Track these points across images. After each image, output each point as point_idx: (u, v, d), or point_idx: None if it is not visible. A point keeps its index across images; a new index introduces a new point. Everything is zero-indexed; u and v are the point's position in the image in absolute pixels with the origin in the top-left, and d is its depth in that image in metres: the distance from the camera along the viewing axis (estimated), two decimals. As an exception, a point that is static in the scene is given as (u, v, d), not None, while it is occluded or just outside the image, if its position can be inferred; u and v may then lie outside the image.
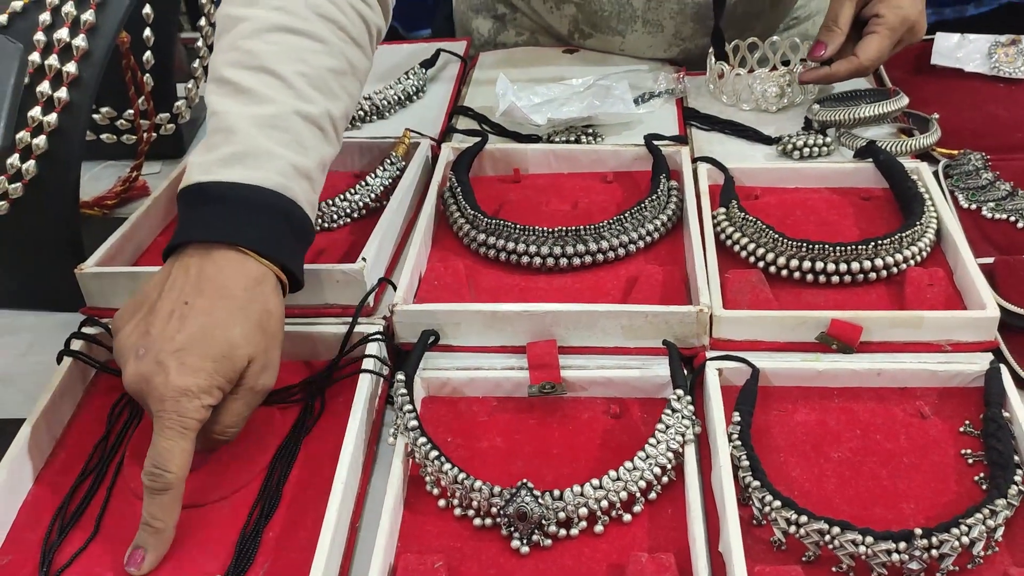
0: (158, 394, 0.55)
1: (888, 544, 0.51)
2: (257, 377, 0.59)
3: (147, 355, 0.56)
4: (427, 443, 0.60)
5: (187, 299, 0.58)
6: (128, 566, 0.55)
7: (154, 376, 0.56)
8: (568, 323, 0.68)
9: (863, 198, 0.83)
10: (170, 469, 0.54)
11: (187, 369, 0.56)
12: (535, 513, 0.56)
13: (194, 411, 0.56)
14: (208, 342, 0.57)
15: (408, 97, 1.03)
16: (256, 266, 0.61)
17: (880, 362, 0.65)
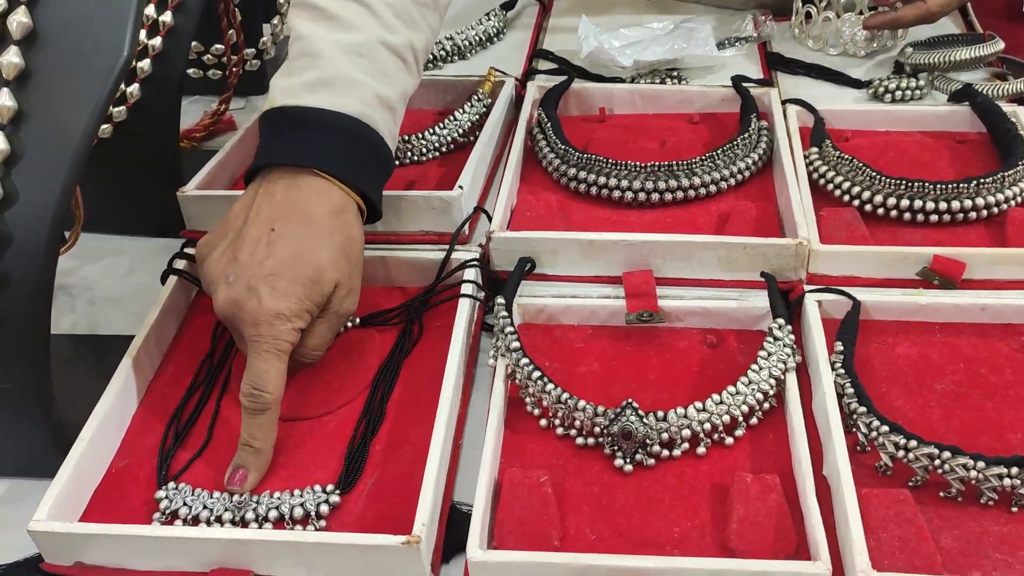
0: (251, 319, 0.56)
1: (1000, 468, 0.51)
2: (342, 301, 0.60)
3: (237, 281, 0.57)
4: (529, 363, 0.60)
5: (274, 225, 0.59)
6: (230, 484, 0.56)
7: (247, 301, 0.56)
8: (665, 253, 0.68)
9: (958, 141, 0.82)
10: (267, 390, 0.55)
11: (278, 293, 0.56)
12: (640, 432, 0.57)
13: (287, 334, 0.56)
14: (297, 267, 0.57)
15: (489, 39, 1.03)
16: (340, 194, 0.61)
17: (984, 298, 0.64)
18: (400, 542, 0.50)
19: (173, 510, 0.55)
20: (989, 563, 0.50)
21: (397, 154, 0.83)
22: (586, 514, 0.55)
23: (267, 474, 0.58)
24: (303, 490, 0.55)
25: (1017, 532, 0.51)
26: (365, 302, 0.70)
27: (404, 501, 0.54)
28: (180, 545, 0.52)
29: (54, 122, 0.55)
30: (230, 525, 0.54)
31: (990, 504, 0.53)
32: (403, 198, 0.72)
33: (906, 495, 0.52)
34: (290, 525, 0.54)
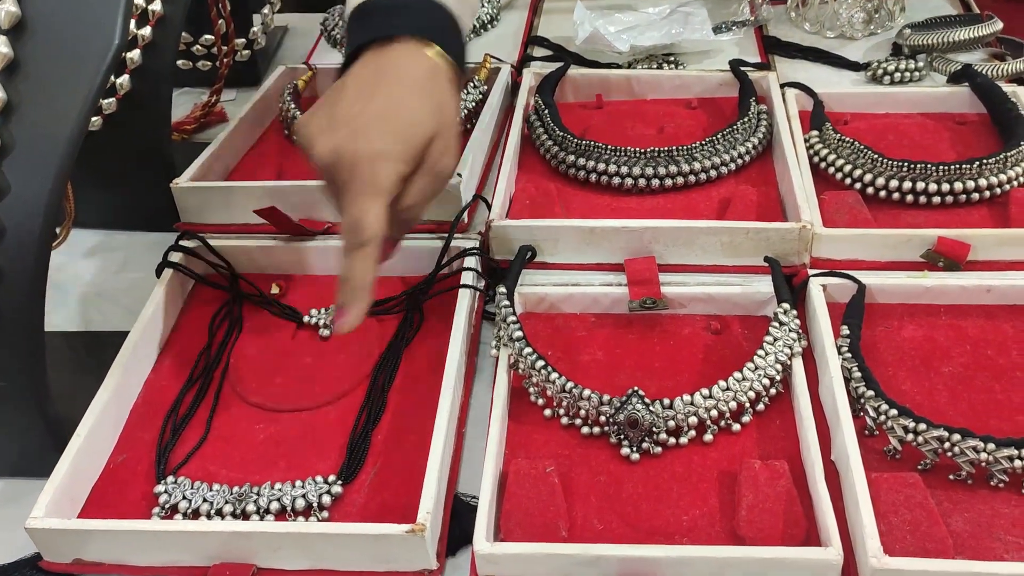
0: (350, 161, 0.54)
1: (1011, 450, 0.51)
2: (440, 157, 0.58)
3: (337, 129, 0.55)
4: (533, 353, 0.59)
5: (369, 84, 0.57)
6: (335, 322, 0.55)
7: (346, 145, 0.55)
8: (667, 239, 0.68)
9: (958, 122, 0.81)
10: (366, 226, 0.53)
11: (376, 135, 0.55)
12: (646, 420, 0.56)
13: (386, 175, 0.54)
14: (394, 115, 0.56)
15: (483, 25, 1.02)
16: (430, 59, 0.59)
17: (989, 279, 0.63)
18: (404, 531, 0.49)
19: (173, 504, 0.54)
20: (1001, 545, 0.50)
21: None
22: (593, 504, 0.54)
23: (268, 466, 0.57)
24: (304, 481, 0.55)
25: (1027, 514, 0.51)
26: (363, 293, 0.69)
27: (407, 491, 0.54)
28: (181, 539, 0.51)
29: (45, 113, 0.54)
30: (231, 518, 0.53)
31: (1000, 486, 0.52)
32: (400, 187, 0.71)
33: (916, 479, 0.52)
34: (292, 517, 0.53)
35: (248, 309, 0.68)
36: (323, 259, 0.71)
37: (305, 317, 0.67)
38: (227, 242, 0.71)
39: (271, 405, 0.61)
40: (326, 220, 0.73)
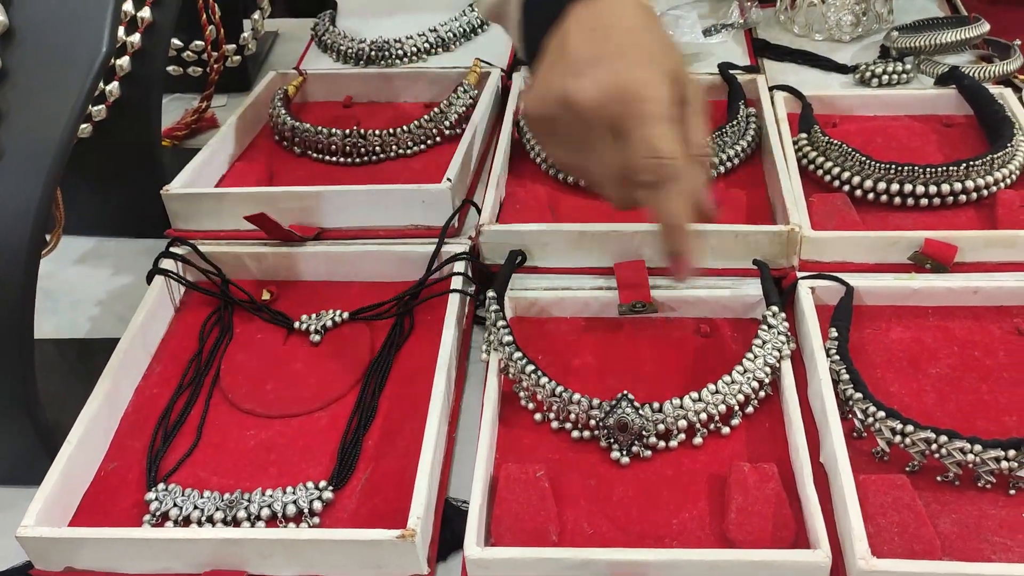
0: (619, 91, 0.49)
1: (997, 451, 0.51)
2: (695, 90, 0.53)
3: (589, 70, 0.50)
4: (523, 358, 0.60)
5: (597, 30, 0.52)
6: (676, 275, 0.53)
7: (608, 77, 0.50)
8: (655, 243, 0.68)
9: (945, 124, 0.82)
10: (665, 153, 0.49)
11: (636, 62, 0.50)
12: (636, 424, 0.56)
13: (663, 96, 0.50)
14: (640, 45, 0.52)
15: (473, 30, 1.02)
16: (643, 4, 0.55)
17: (976, 280, 0.64)
18: (395, 536, 0.49)
19: (163, 511, 0.54)
20: (988, 547, 0.50)
21: (383, 148, 0.82)
22: (583, 508, 0.54)
23: (258, 472, 0.57)
24: (295, 487, 0.55)
25: (1015, 515, 0.51)
26: (355, 296, 0.70)
27: (398, 496, 0.54)
28: (171, 547, 0.51)
29: (33, 121, 0.54)
30: (222, 525, 0.53)
31: (987, 488, 0.53)
32: (391, 191, 0.72)
33: (904, 480, 0.52)
34: (283, 523, 0.53)
35: (239, 315, 0.68)
36: (314, 265, 0.71)
37: (296, 323, 0.67)
38: (218, 248, 0.71)
39: (262, 411, 0.61)
40: (317, 226, 0.73)
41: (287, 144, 0.85)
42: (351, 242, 0.71)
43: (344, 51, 0.99)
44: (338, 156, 0.82)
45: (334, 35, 1.01)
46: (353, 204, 0.72)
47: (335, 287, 0.71)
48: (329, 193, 0.72)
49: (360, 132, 0.81)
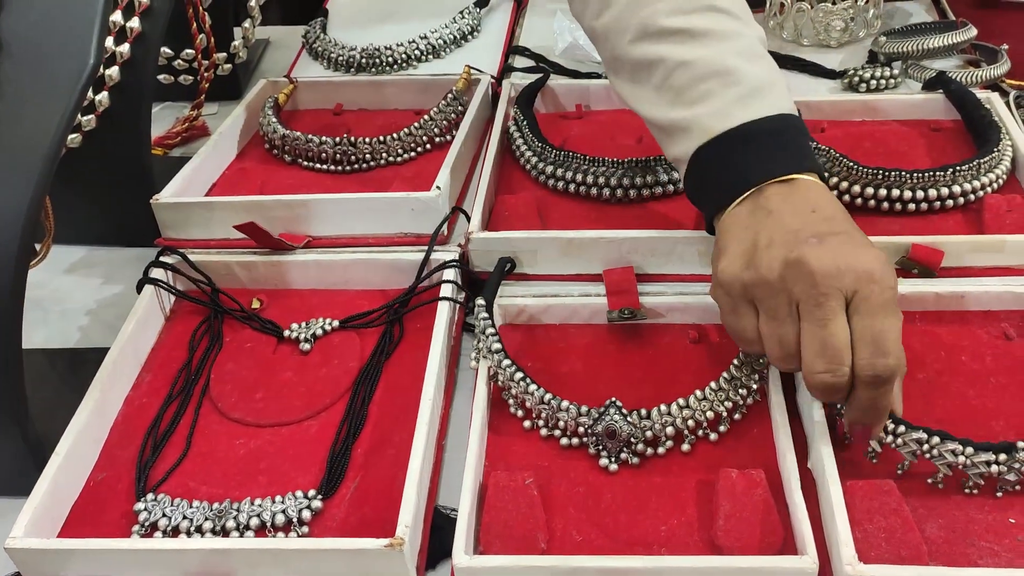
0: (855, 275, 0.49)
1: (988, 455, 0.51)
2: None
3: (819, 241, 0.51)
4: (512, 365, 0.60)
5: (809, 208, 0.53)
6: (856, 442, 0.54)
7: (846, 250, 0.50)
8: (645, 250, 0.68)
9: (933, 129, 0.82)
10: (890, 351, 0.48)
11: (865, 244, 0.51)
12: (624, 431, 0.56)
13: (895, 289, 0.50)
14: (856, 230, 0.53)
15: (463, 36, 1.03)
16: (830, 193, 0.56)
17: (963, 285, 0.64)
18: (383, 545, 0.49)
19: (152, 522, 0.54)
20: (975, 551, 0.50)
21: (373, 155, 0.82)
22: (572, 515, 0.55)
23: (248, 481, 0.57)
24: (284, 496, 0.55)
25: (1002, 520, 0.51)
26: (345, 305, 0.70)
27: (387, 504, 0.54)
28: (160, 557, 0.51)
29: (21, 132, 0.55)
30: (211, 535, 0.53)
31: (975, 493, 0.53)
32: (381, 199, 0.72)
33: (891, 486, 0.52)
34: (272, 532, 0.53)
35: (229, 324, 0.69)
36: (303, 273, 0.71)
37: (286, 332, 0.67)
38: (208, 257, 0.71)
39: (251, 420, 0.61)
40: (307, 234, 0.73)
41: (278, 152, 0.85)
42: (341, 250, 0.71)
43: (335, 58, 0.99)
44: (328, 164, 0.82)
45: (325, 43, 1.01)
46: (342, 212, 0.72)
47: (325, 295, 0.71)
48: (318, 201, 0.72)
49: (350, 140, 0.81)
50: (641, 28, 0.62)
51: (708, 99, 0.59)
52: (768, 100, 0.58)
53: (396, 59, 0.98)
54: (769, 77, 0.60)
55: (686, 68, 0.60)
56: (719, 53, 0.59)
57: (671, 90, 0.61)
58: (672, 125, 0.61)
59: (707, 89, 0.59)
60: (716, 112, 0.58)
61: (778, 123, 0.58)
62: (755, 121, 0.57)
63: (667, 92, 0.61)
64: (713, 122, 0.58)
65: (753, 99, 0.58)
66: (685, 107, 0.60)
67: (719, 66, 0.59)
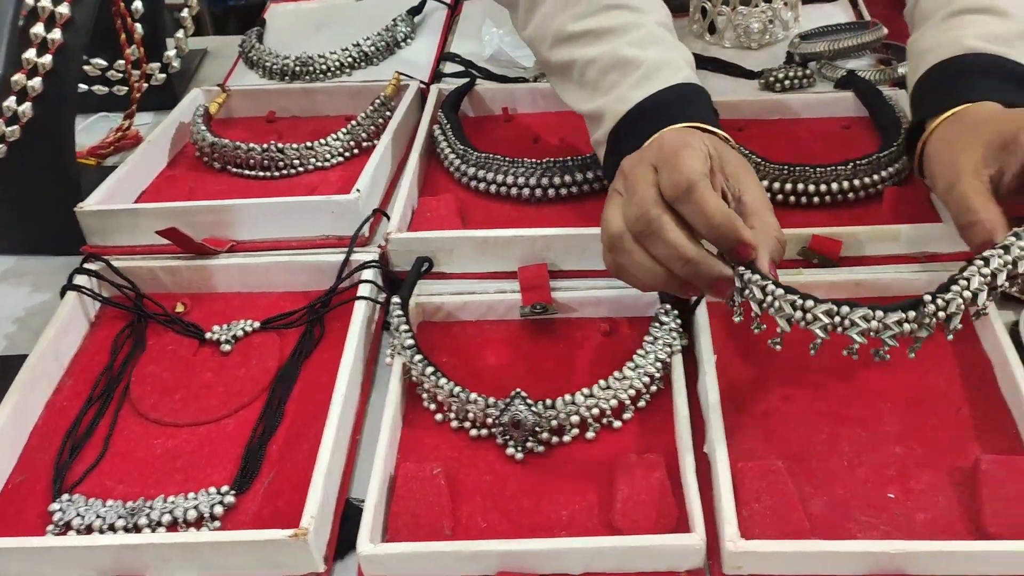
0: (656, 151, 0.54)
1: (899, 315, 0.50)
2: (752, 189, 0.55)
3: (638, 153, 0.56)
4: (423, 360, 0.62)
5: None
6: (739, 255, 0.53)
7: (651, 149, 0.55)
8: (558, 247, 0.70)
9: (843, 126, 0.85)
10: (684, 165, 0.51)
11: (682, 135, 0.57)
12: (529, 421, 0.58)
13: (698, 143, 0.54)
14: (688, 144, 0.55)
15: (396, 44, 1.05)
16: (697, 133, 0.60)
17: (858, 273, 0.67)
18: (288, 536, 0.51)
19: (67, 521, 0.55)
20: (855, 525, 0.53)
21: (301, 161, 0.84)
22: (479, 503, 0.56)
23: (164, 479, 0.58)
24: (197, 493, 0.56)
25: (881, 495, 0.54)
26: (269, 307, 0.71)
27: (300, 498, 0.55)
28: (72, 554, 0.52)
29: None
30: (123, 532, 0.54)
31: (887, 358, 0.50)
32: (301, 203, 0.74)
33: (779, 466, 0.54)
34: (184, 528, 0.55)
35: (154, 328, 0.70)
36: (227, 277, 0.73)
37: (208, 334, 0.68)
38: (132, 263, 0.72)
39: (169, 420, 0.62)
40: (231, 239, 0.74)
41: (208, 160, 0.86)
42: (263, 254, 0.73)
43: (269, 67, 1.01)
44: (257, 170, 0.84)
45: (260, 52, 1.03)
46: (265, 216, 0.74)
47: (249, 298, 0.72)
48: (241, 206, 0.73)
49: (277, 146, 0.83)
50: (555, 36, 0.71)
51: (614, 88, 0.66)
52: (661, 77, 0.65)
53: (329, 67, 1.00)
54: (663, 57, 0.67)
55: (593, 64, 0.68)
56: (618, 47, 0.67)
57: (587, 85, 0.69)
58: (592, 114, 0.69)
59: (612, 80, 0.67)
60: (619, 98, 0.66)
61: (669, 94, 0.65)
62: (648, 97, 0.64)
63: (586, 87, 0.69)
64: (618, 106, 0.66)
65: (648, 80, 0.65)
66: (599, 97, 0.67)
67: (619, 58, 0.67)
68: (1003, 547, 0.49)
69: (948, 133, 0.62)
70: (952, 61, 0.66)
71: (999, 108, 0.61)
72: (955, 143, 0.60)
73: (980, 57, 0.65)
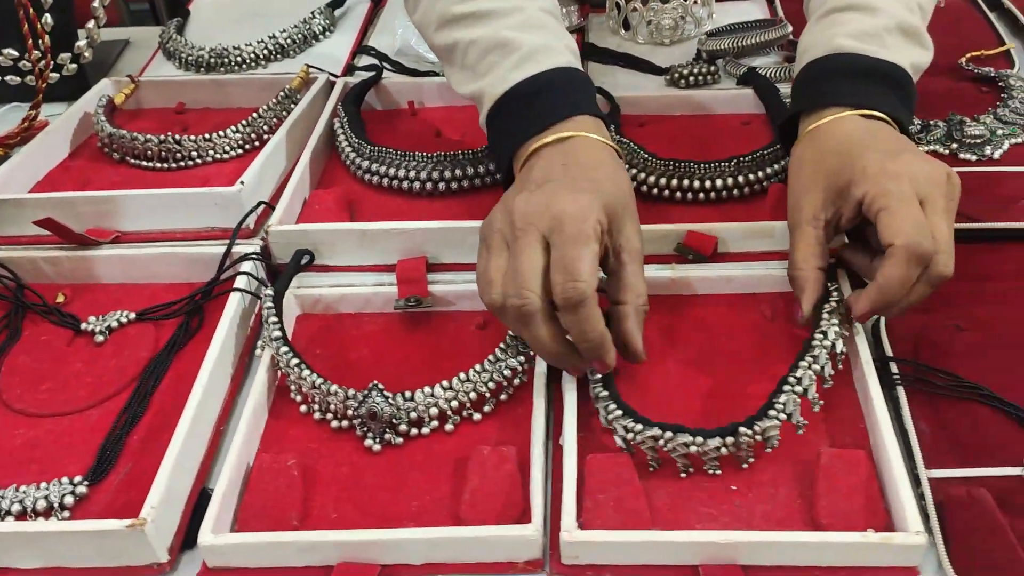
0: (551, 215, 0.54)
1: (717, 441, 0.54)
2: (634, 235, 0.58)
3: (533, 195, 0.56)
4: (288, 351, 0.62)
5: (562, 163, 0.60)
6: (596, 373, 0.57)
7: (545, 199, 0.55)
8: (438, 240, 0.70)
9: (744, 123, 0.86)
10: (581, 277, 0.52)
11: (579, 191, 0.56)
12: (385, 412, 0.58)
13: (592, 224, 0.54)
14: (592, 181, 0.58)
15: (314, 36, 1.05)
16: (605, 145, 0.62)
17: (730, 270, 0.67)
18: (124, 526, 0.51)
19: (-88, 513, 0.55)
20: (695, 517, 0.53)
21: (199, 153, 0.84)
22: (333, 495, 0.57)
23: (19, 469, 0.58)
24: (49, 483, 0.56)
25: (724, 487, 0.54)
26: (151, 298, 0.71)
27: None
28: (-89, 544, 0.52)
29: None
30: (-31, 522, 0.54)
31: (719, 472, 0.55)
32: (184, 195, 0.74)
33: (626, 459, 0.55)
34: (33, 518, 0.55)
35: (32, 319, 0.70)
36: (110, 268, 0.72)
37: (83, 324, 0.68)
38: (13, 253, 0.72)
39: (33, 411, 0.62)
40: (117, 230, 0.74)
41: (108, 151, 0.86)
42: (145, 245, 0.73)
43: (185, 58, 1.01)
44: (155, 162, 0.84)
45: (177, 43, 1.03)
46: (150, 208, 0.74)
47: (132, 289, 0.72)
48: (124, 198, 0.73)
49: (174, 138, 0.83)
50: (440, 18, 0.71)
51: (492, 70, 0.67)
52: (539, 60, 0.65)
53: (244, 59, 1.00)
54: (543, 41, 0.67)
55: (474, 46, 0.68)
56: (499, 29, 0.67)
57: (468, 67, 0.69)
58: (473, 96, 0.69)
59: (491, 61, 0.67)
60: (497, 79, 0.66)
61: (548, 77, 0.65)
62: (525, 80, 0.65)
63: (467, 70, 0.69)
64: (495, 88, 0.66)
65: (526, 62, 0.65)
66: (479, 79, 0.68)
67: (499, 39, 0.67)
68: (830, 538, 0.49)
69: (804, 154, 0.64)
70: (822, 61, 0.67)
71: (848, 134, 0.62)
72: (803, 174, 0.63)
73: (845, 57, 0.65)
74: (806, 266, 0.60)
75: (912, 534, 0.49)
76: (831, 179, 0.60)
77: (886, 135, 0.62)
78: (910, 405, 0.58)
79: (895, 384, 0.59)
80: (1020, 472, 0.53)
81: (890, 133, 0.62)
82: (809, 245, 0.60)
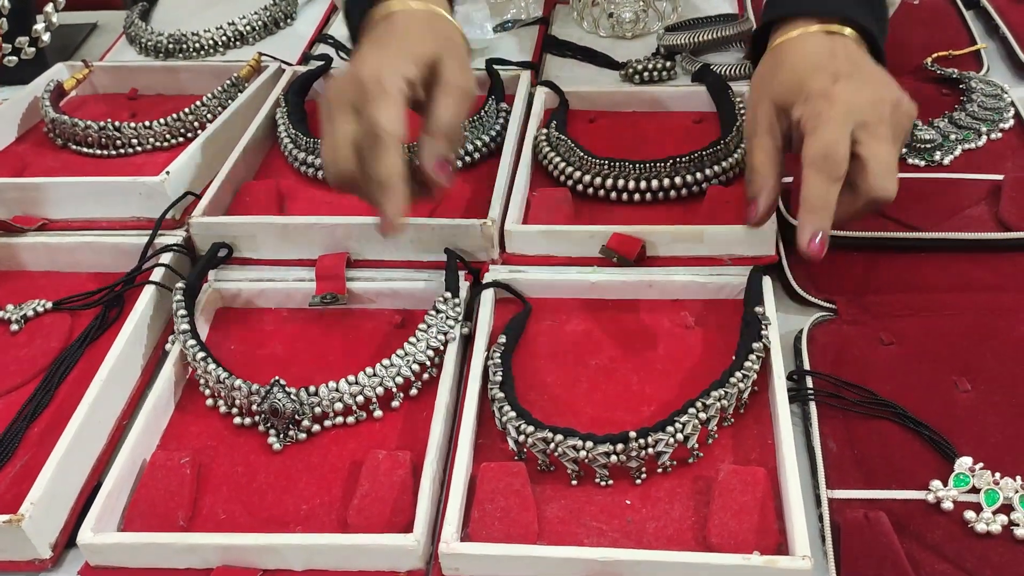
0: (356, 80, 0.57)
1: (606, 447, 0.52)
2: (455, 73, 0.60)
3: (343, 73, 0.59)
4: (195, 345, 0.61)
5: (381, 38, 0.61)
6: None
7: (350, 74, 0.58)
8: (359, 236, 0.69)
9: (695, 121, 0.83)
10: (381, 124, 0.56)
11: (377, 57, 0.59)
12: (287, 408, 0.57)
13: (389, 79, 0.57)
14: (399, 43, 0.60)
15: (275, 23, 1.03)
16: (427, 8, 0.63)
17: (653, 274, 0.65)
18: (3, 521, 0.50)
19: None
20: (584, 531, 0.52)
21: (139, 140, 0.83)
22: (224, 494, 0.56)
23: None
24: (-60, 476, 0.56)
25: (616, 501, 0.53)
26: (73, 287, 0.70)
27: (45, 484, 0.55)
28: None
29: None
30: None
31: (610, 483, 0.53)
32: (108, 184, 0.73)
33: (520, 468, 0.53)
34: (-82, 510, 0.54)
35: (-48, 305, 0.69)
36: (34, 256, 0.72)
37: (1, 313, 0.68)
38: (-63, 240, 0.72)
39: (-65, 401, 0.62)
40: (44, 217, 0.74)
41: (52, 136, 0.86)
42: (69, 233, 0.72)
43: (145, 44, 1.00)
44: (95, 148, 0.83)
45: (138, 28, 1.02)
46: (76, 196, 0.73)
47: (56, 278, 0.72)
48: (49, 185, 0.73)
49: (114, 125, 0.82)
50: None
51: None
52: None
53: (203, 45, 0.99)
54: None
55: None
56: None
57: None
58: None
59: None
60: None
61: None
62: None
63: None
64: None
65: None
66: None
67: None
68: (713, 560, 0.48)
69: (763, 69, 0.64)
70: None
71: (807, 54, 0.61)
72: (760, 86, 0.63)
73: None
74: (764, 171, 0.60)
75: (798, 558, 0.47)
76: (781, 97, 0.60)
77: (845, 56, 0.60)
78: (823, 421, 0.56)
79: (807, 399, 0.57)
80: (923, 496, 0.52)
81: (850, 54, 0.61)
82: (767, 152, 0.60)
